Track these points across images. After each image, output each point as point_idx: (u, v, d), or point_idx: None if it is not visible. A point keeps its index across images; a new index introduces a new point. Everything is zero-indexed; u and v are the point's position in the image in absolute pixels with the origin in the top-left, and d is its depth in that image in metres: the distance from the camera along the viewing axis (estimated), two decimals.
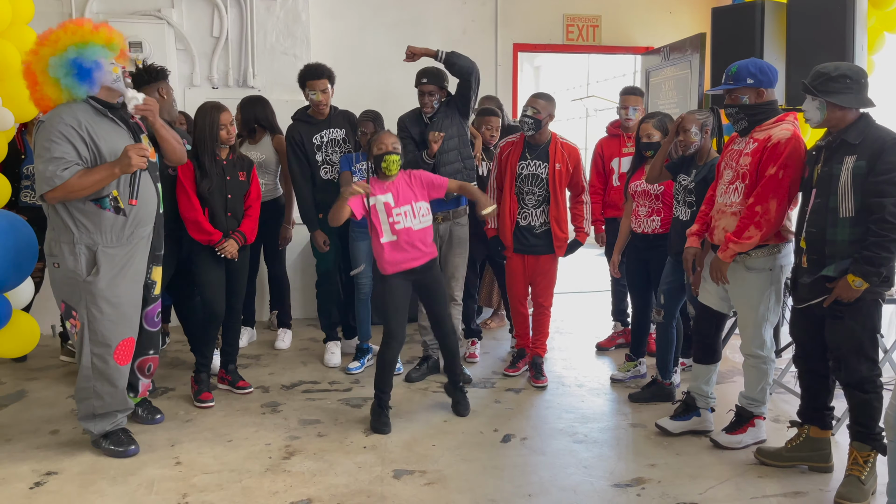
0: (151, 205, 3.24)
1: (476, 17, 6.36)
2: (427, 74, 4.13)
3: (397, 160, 3.53)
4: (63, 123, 2.96)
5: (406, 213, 3.52)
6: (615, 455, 3.32)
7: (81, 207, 3.04)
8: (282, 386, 4.22)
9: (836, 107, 2.81)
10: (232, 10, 5.59)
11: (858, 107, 2.82)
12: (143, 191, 3.13)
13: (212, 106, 3.81)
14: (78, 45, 2.96)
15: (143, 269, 3.26)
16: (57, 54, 2.95)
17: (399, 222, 3.50)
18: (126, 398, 3.31)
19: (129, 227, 3.13)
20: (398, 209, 3.51)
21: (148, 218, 3.23)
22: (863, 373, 2.81)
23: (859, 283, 2.73)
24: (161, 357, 4.72)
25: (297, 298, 5.43)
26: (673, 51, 5.91)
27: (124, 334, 3.18)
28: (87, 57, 2.96)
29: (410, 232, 3.52)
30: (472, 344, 4.76)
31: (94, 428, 3.26)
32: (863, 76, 2.85)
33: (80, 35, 2.96)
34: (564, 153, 4.13)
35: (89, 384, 3.17)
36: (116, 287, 3.11)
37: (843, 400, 2.97)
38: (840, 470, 3.00)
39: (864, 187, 2.73)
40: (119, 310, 3.13)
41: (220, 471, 3.13)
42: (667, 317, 3.83)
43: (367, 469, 3.15)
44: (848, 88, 2.80)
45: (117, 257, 3.11)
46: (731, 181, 3.22)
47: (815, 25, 4.13)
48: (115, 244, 3.11)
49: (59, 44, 2.95)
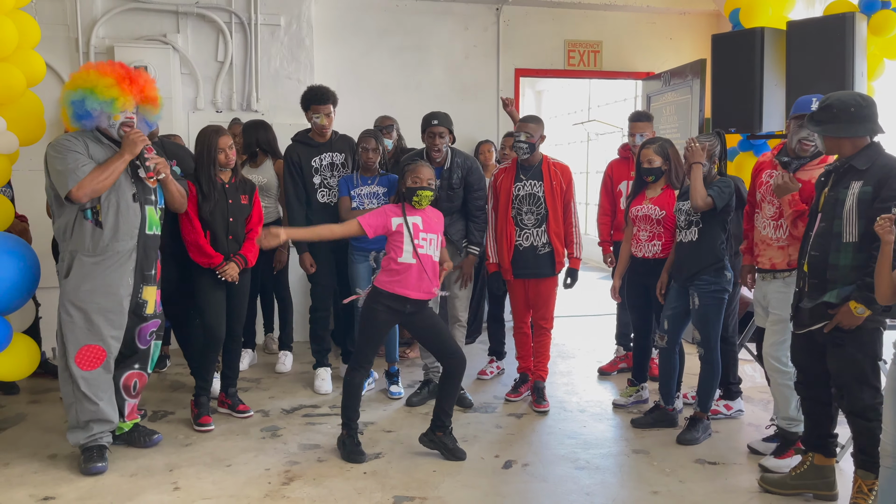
0: (132, 223, 3.37)
1: (478, 42, 6.42)
2: (437, 116, 4.13)
3: (430, 196, 3.43)
4: (69, 141, 3.29)
5: (431, 242, 3.42)
6: (617, 482, 3.29)
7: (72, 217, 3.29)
8: (282, 410, 4.20)
9: (827, 136, 2.86)
10: (237, 35, 5.65)
11: (843, 135, 2.82)
12: (123, 209, 3.33)
13: (212, 130, 3.85)
14: (85, 90, 3.25)
15: (119, 283, 3.34)
16: (69, 90, 3.29)
17: (423, 247, 3.39)
18: (107, 411, 3.37)
19: (105, 239, 3.30)
20: (425, 234, 3.41)
21: (126, 234, 3.36)
22: (865, 401, 2.79)
23: (861, 309, 2.72)
24: (161, 380, 4.72)
25: (299, 321, 5.43)
26: (674, 76, 5.96)
27: (88, 340, 3.30)
28: (87, 104, 3.25)
29: (430, 260, 3.41)
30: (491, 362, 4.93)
31: (74, 437, 3.36)
32: (852, 105, 2.80)
33: (90, 83, 3.25)
34: (558, 171, 4.19)
35: (68, 388, 3.34)
36: (82, 293, 3.28)
37: (847, 427, 2.95)
38: (845, 498, 2.97)
39: (868, 213, 2.73)
40: (85, 315, 3.28)
41: (218, 496, 3.10)
42: (670, 342, 3.82)
43: (366, 495, 3.12)
44: (834, 118, 2.81)
45: (88, 265, 3.29)
46: (773, 217, 3.37)
47: (814, 52, 4.16)
48: (91, 253, 3.30)
49: (76, 82, 3.29)
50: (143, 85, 3.36)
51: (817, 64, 4.15)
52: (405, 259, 3.35)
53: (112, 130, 3.34)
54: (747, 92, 4.45)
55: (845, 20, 4.12)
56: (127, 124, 3.34)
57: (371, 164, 4.22)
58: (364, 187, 4.27)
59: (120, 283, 3.35)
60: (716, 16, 6.62)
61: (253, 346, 5.14)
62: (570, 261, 4.26)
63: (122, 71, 3.31)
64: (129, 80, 3.30)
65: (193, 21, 5.58)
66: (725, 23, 5.48)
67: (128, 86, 3.29)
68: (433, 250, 3.42)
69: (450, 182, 4.16)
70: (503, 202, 4.22)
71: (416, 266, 3.36)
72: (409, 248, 3.35)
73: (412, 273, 3.36)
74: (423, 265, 3.37)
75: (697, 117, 5.51)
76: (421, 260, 3.36)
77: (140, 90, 3.35)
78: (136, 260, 3.39)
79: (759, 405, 4.26)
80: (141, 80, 3.36)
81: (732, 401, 4.04)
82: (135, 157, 3.33)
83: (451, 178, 4.17)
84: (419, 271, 3.36)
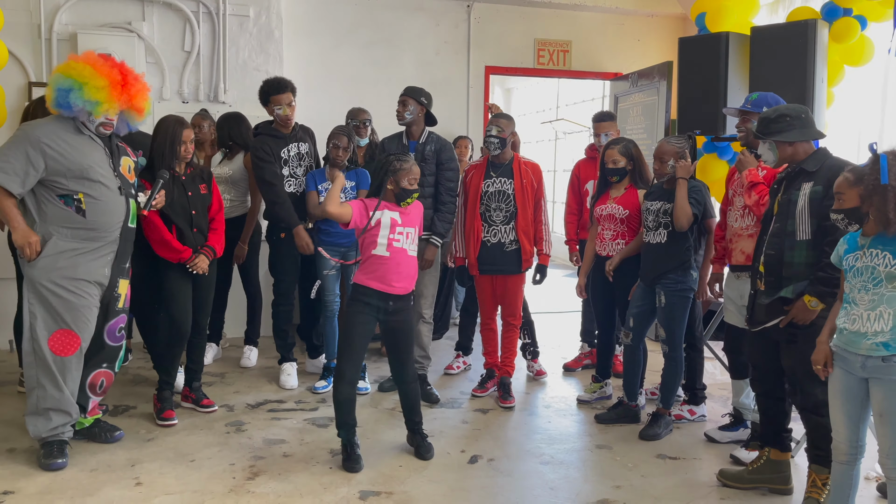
0: (116, 215, 3.33)
1: (449, 38, 6.43)
2: (408, 88, 4.33)
3: (415, 198, 3.42)
4: (36, 135, 3.20)
5: (408, 235, 3.37)
6: (581, 476, 3.34)
7: (48, 199, 3.23)
8: (247, 405, 4.17)
9: (784, 144, 2.98)
10: (204, 25, 5.57)
11: (803, 139, 2.98)
12: (108, 201, 3.28)
13: (175, 121, 3.73)
14: (75, 83, 3.17)
15: (94, 274, 3.30)
16: (61, 74, 3.22)
17: (399, 241, 3.34)
18: (70, 401, 3.32)
19: (86, 228, 3.25)
20: (402, 228, 3.36)
21: (108, 226, 3.31)
22: (818, 396, 2.87)
23: (815, 303, 2.83)
24: (122, 374, 4.64)
25: (265, 316, 5.37)
26: (641, 77, 6.05)
27: (63, 325, 3.24)
28: (71, 97, 3.17)
29: (404, 255, 3.36)
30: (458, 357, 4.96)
31: (34, 428, 3.28)
32: (802, 112, 3.04)
33: (83, 78, 3.18)
34: (528, 170, 4.22)
35: (32, 371, 3.27)
36: (57, 274, 3.21)
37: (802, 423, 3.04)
38: (800, 492, 3.06)
39: (819, 211, 2.85)
40: (60, 299, 3.22)
41: (181, 492, 3.07)
42: (635, 339, 3.88)
43: (332, 490, 3.12)
44: (790, 126, 2.97)
45: (66, 250, 3.23)
46: (743, 207, 3.48)
47: (777, 58, 4.26)
48: (68, 239, 3.25)
49: (70, 70, 3.21)
50: (133, 95, 3.30)
51: (780, 69, 4.24)
52: (379, 252, 3.30)
53: (90, 126, 3.28)
54: (712, 95, 4.53)
55: (807, 27, 4.22)
56: (107, 125, 3.29)
57: (340, 162, 4.22)
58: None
59: (99, 274, 3.31)
60: (683, 19, 6.73)
61: (218, 341, 5.08)
62: (540, 257, 4.30)
63: (119, 76, 3.25)
64: (122, 86, 3.24)
65: (159, 9, 5.48)
66: (692, 26, 5.57)
67: (118, 93, 3.23)
68: (409, 244, 3.38)
69: (423, 154, 4.22)
70: (472, 198, 4.25)
71: (391, 259, 3.31)
72: (384, 241, 3.31)
73: (389, 267, 3.32)
74: (395, 259, 3.33)
75: (664, 119, 5.60)
76: (393, 254, 3.32)
77: (129, 99, 3.29)
78: (116, 252, 3.36)
79: (719, 401, 4.36)
80: (133, 89, 3.29)
81: (697, 405, 4.07)
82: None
83: (424, 151, 4.25)
84: (395, 265, 3.32)
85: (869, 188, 2.40)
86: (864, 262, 2.47)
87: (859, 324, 2.46)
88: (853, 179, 2.50)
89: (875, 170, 2.39)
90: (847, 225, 2.58)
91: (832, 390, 2.61)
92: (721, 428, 3.77)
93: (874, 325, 2.43)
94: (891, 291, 2.40)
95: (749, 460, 3.34)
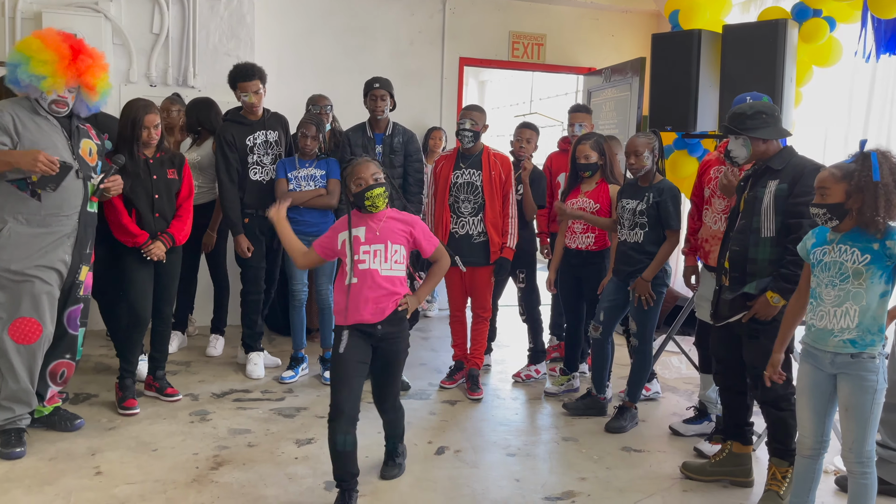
0: (74, 199, 3.26)
1: (424, 28, 6.40)
2: (378, 80, 4.32)
3: (382, 193, 2.84)
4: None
5: (376, 253, 2.83)
6: (547, 468, 3.36)
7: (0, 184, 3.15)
8: (212, 394, 4.12)
9: (758, 140, 3.01)
10: (174, 6, 5.45)
11: (777, 137, 3.02)
12: (65, 185, 3.19)
13: (140, 105, 3.66)
14: (21, 57, 3.13)
15: (53, 260, 3.23)
16: (14, 50, 3.19)
17: (365, 261, 2.83)
18: (29, 392, 3.26)
19: (43, 212, 3.18)
20: (368, 246, 2.84)
21: (66, 211, 3.24)
22: (777, 391, 2.91)
23: (777, 299, 2.87)
24: (84, 361, 4.55)
25: (231, 304, 5.31)
26: (614, 73, 6.08)
27: (23, 313, 3.18)
28: (18, 72, 3.13)
29: (375, 276, 2.82)
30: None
31: None
32: (776, 110, 3.07)
33: (29, 51, 3.12)
34: (497, 161, 4.21)
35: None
36: (15, 261, 3.15)
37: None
38: (760, 484, 3.11)
39: (784, 209, 2.90)
40: (19, 286, 3.16)
41: (143, 481, 3.02)
42: (604, 333, 3.91)
43: (297, 481, 3.09)
44: (765, 123, 3.00)
45: (23, 236, 3.17)
46: (723, 211, 3.48)
47: (747, 56, 4.30)
48: (25, 224, 3.18)
49: (21, 45, 3.18)
50: (83, 70, 3.19)
51: (750, 67, 4.28)
52: (349, 280, 2.84)
53: (43, 104, 3.20)
54: (683, 91, 4.57)
55: (778, 26, 4.26)
56: (60, 103, 3.20)
57: (309, 151, 4.18)
58: (302, 170, 4.23)
59: (59, 260, 3.24)
60: (656, 16, 6.77)
61: (184, 329, 5.01)
62: (503, 250, 4.27)
63: (69, 51, 3.15)
64: (70, 60, 3.14)
65: None
66: (665, 23, 5.60)
67: (64, 67, 3.13)
68: (381, 264, 2.84)
69: (391, 146, 4.26)
70: (440, 189, 4.24)
71: (356, 286, 2.82)
72: (350, 267, 2.84)
73: (353, 294, 2.83)
74: (365, 283, 2.82)
75: (636, 114, 5.64)
76: (361, 277, 2.83)
77: (77, 74, 3.18)
78: (76, 237, 3.28)
79: (684, 395, 4.41)
80: (83, 64, 3.18)
81: (649, 382, 4.19)
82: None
83: (393, 143, 4.29)
84: (357, 290, 2.82)
85: (860, 184, 2.39)
86: (832, 258, 2.50)
87: (826, 320, 2.50)
88: (840, 175, 2.46)
89: (866, 166, 2.39)
90: (827, 220, 2.49)
91: (800, 386, 2.65)
92: (685, 421, 3.82)
93: (840, 322, 2.47)
94: (856, 288, 2.44)
95: (712, 453, 3.39)
